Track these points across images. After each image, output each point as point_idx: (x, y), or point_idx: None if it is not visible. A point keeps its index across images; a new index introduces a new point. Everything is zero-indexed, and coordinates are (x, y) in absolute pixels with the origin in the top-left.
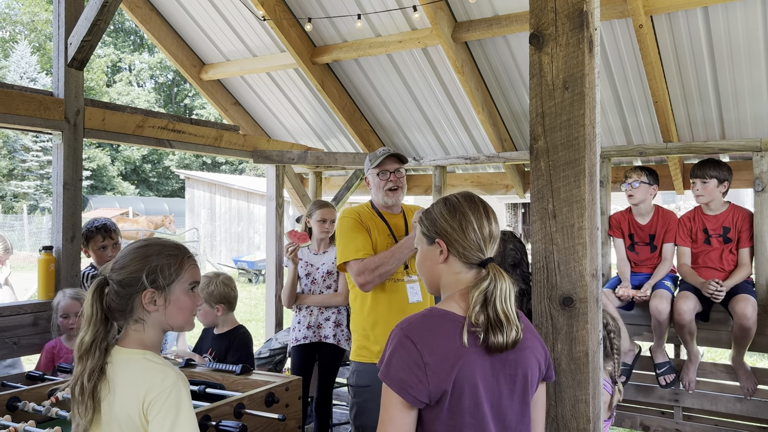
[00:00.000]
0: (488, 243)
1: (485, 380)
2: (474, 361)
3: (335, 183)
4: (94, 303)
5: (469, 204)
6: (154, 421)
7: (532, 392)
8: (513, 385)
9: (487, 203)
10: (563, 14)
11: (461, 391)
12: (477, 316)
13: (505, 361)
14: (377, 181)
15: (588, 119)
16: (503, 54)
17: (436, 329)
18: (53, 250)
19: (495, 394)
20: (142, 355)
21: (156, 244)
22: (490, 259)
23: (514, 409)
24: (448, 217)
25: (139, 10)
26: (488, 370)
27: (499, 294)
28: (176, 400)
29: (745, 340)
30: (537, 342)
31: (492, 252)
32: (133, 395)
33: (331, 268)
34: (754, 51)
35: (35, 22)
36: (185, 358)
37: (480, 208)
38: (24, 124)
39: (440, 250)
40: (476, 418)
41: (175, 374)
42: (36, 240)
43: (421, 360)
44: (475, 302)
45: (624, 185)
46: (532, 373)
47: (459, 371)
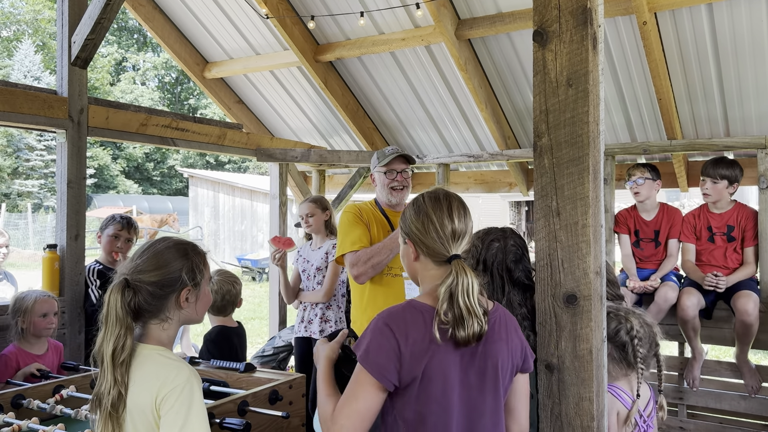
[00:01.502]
0: (452, 241)
1: (455, 372)
2: (444, 354)
3: (338, 181)
4: (123, 306)
5: (432, 204)
6: (167, 416)
7: (504, 384)
8: (483, 377)
9: (454, 201)
10: (567, 11)
11: (430, 379)
12: (445, 312)
13: (475, 354)
14: (383, 179)
15: (592, 116)
16: (506, 51)
17: (413, 321)
18: (57, 248)
19: (465, 385)
20: (157, 350)
21: (183, 242)
22: (455, 255)
23: (485, 400)
24: (414, 218)
25: (143, 8)
26: (458, 362)
27: (461, 289)
28: (189, 396)
29: (748, 336)
30: (513, 334)
31: (459, 248)
32: (146, 390)
33: (320, 264)
34: (759, 48)
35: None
36: (188, 356)
37: (443, 207)
38: (28, 122)
39: (412, 250)
40: (443, 407)
41: (189, 370)
42: (40, 239)
43: (398, 348)
44: (442, 299)
45: (628, 183)
46: (503, 366)
47: (429, 361)
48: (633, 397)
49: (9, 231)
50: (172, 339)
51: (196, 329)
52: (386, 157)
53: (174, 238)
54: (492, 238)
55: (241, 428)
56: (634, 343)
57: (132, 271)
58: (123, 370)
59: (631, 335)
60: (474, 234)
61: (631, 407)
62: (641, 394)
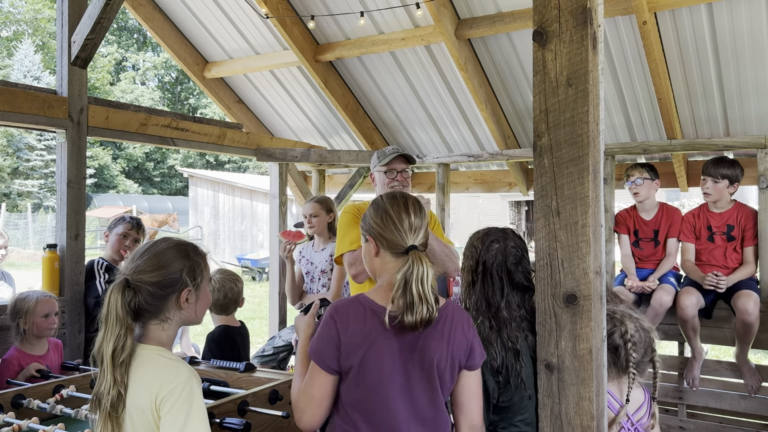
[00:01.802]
0: (409, 233)
1: (393, 364)
2: (383, 347)
3: (338, 181)
4: (123, 306)
5: (390, 202)
6: (167, 417)
7: (444, 380)
8: (422, 371)
9: (410, 199)
10: (567, 11)
11: (366, 368)
12: (399, 299)
13: (414, 349)
14: (383, 179)
15: (592, 116)
16: (506, 51)
17: (356, 314)
18: (57, 248)
19: (403, 377)
20: (157, 351)
21: (183, 243)
22: (413, 246)
23: (423, 393)
24: (374, 216)
25: (143, 8)
26: (397, 355)
27: (416, 276)
28: (189, 397)
29: (748, 336)
30: (459, 332)
31: (416, 240)
32: (146, 390)
33: (325, 267)
34: (759, 48)
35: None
36: (188, 356)
37: (400, 204)
38: (28, 122)
39: (372, 246)
40: (381, 396)
41: (188, 371)
42: (40, 238)
43: (338, 337)
44: (398, 285)
45: (627, 183)
46: (440, 363)
47: (366, 352)
48: (621, 401)
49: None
50: (172, 339)
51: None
52: (386, 156)
53: (175, 239)
54: (492, 239)
55: (241, 428)
56: (627, 347)
57: (132, 271)
58: (123, 370)
59: (624, 339)
60: (474, 234)
61: (618, 412)
62: (632, 399)
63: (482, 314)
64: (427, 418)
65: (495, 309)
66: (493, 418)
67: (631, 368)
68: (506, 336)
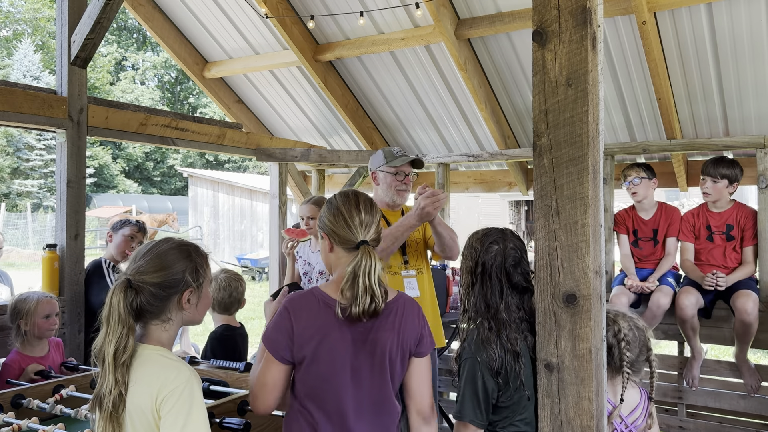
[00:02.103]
0: (360, 229)
1: (345, 354)
2: (336, 338)
3: (338, 181)
4: (125, 306)
5: (342, 199)
6: (167, 417)
7: (395, 368)
8: (372, 360)
9: (361, 197)
10: (566, 11)
11: (318, 359)
12: (347, 291)
13: (366, 340)
14: (391, 180)
15: (591, 116)
16: (506, 51)
17: (310, 306)
18: (57, 247)
19: (355, 367)
20: (158, 351)
21: (185, 243)
22: (363, 241)
23: (374, 381)
24: (327, 213)
25: (142, 8)
26: (349, 346)
27: (363, 270)
28: (189, 397)
29: (747, 336)
30: (409, 323)
31: (366, 236)
32: (146, 390)
33: (323, 268)
34: (758, 48)
35: (38, 19)
36: (188, 356)
37: (352, 202)
38: (28, 122)
39: (327, 242)
40: (332, 385)
41: (189, 371)
42: (40, 238)
43: (291, 329)
44: (347, 278)
45: (625, 184)
46: (392, 352)
47: (319, 343)
48: (615, 402)
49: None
50: (172, 339)
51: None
52: (396, 158)
53: (176, 239)
54: (491, 240)
55: (241, 428)
56: (621, 346)
57: (135, 271)
58: (124, 370)
59: (618, 338)
60: (473, 235)
61: (611, 412)
62: (627, 399)
63: (481, 315)
64: (378, 406)
65: (494, 310)
66: (493, 418)
67: (625, 367)
68: (506, 337)
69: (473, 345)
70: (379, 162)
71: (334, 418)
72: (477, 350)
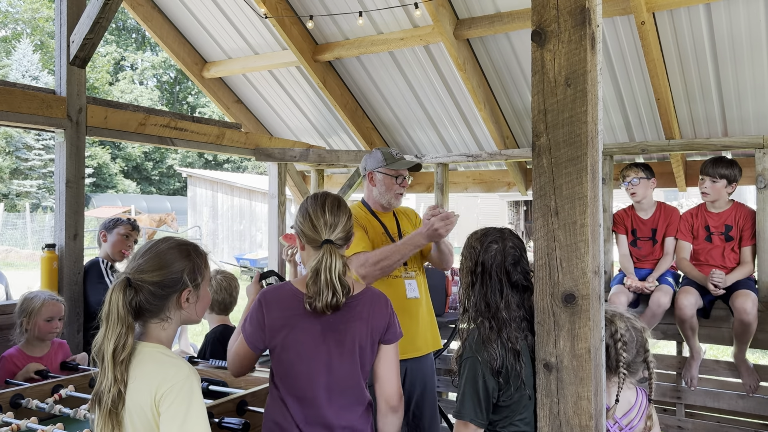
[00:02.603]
0: (325, 229)
1: (314, 343)
2: (304, 328)
3: (337, 181)
4: (124, 304)
5: (311, 201)
6: (166, 414)
7: (364, 355)
8: (342, 349)
9: (329, 198)
10: (565, 11)
11: (287, 348)
12: (311, 286)
13: (336, 330)
14: (389, 182)
15: (590, 116)
16: (505, 51)
17: (280, 299)
18: (56, 247)
19: (326, 355)
20: (157, 349)
21: (185, 243)
22: (327, 240)
23: (344, 367)
24: (299, 215)
25: (141, 8)
26: (319, 336)
27: (324, 266)
28: (188, 394)
29: (746, 336)
30: (378, 314)
31: (331, 235)
32: (145, 387)
33: None
34: (757, 48)
35: (37, 19)
36: (187, 355)
37: (318, 203)
38: (27, 122)
39: (299, 241)
40: (302, 372)
41: (188, 368)
42: (38, 238)
43: (264, 320)
44: (311, 274)
45: (624, 184)
46: (361, 340)
47: (289, 332)
48: (608, 403)
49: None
50: (171, 338)
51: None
52: (396, 161)
53: (176, 239)
54: (490, 240)
55: (240, 428)
56: (617, 347)
57: (134, 270)
58: (123, 368)
59: (615, 338)
60: (472, 235)
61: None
62: (623, 400)
63: (482, 315)
64: (348, 392)
65: (494, 309)
66: (493, 418)
67: (622, 368)
68: (506, 336)
69: (474, 344)
70: (378, 163)
71: (306, 403)
72: (478, 350)
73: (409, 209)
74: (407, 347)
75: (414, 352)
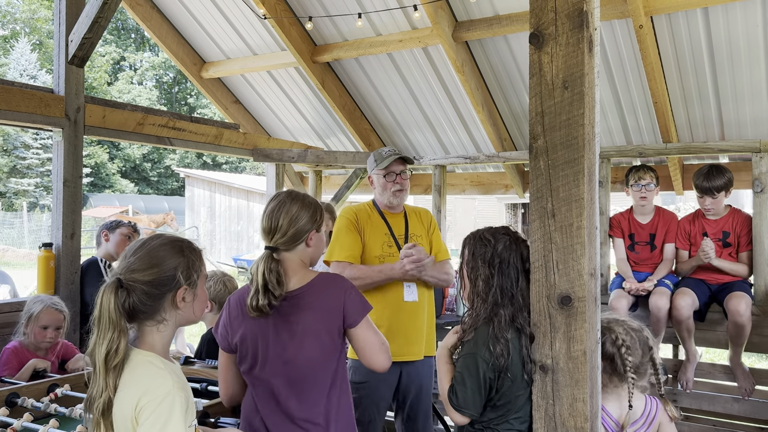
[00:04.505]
0: (265, 235)
1: (266, 337)
2: (256, 323)
3: (335, 182)
4: (116, 307)
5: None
6: (142, 426)
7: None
8: (294, 340)
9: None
10: (563, 14)
11: (244, 343)
12: (252, 286)
13: (287, 321)
14: (383, 182)
15: (587, 119)
16: (503, 54)
17: (239, 299)
18: (53, 246)
19: (278, 346)
20: (148, 357)
21: (177, 239)
22: (267, 247)
23: (299, 358)
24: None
25: (140, 8)
26: (271, 328)
27: (256, 270)
28: (168, 409)
29: (740, 338)
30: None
31: (270, 242)
32: (131, 396)
33: None
34: (754, 52)
35: (35, 19)
36: (183, 356)
37: (266, 211)
38: (25, 120)
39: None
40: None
41: (173, 383)
42: (36, 238)
43: (228, 320)
44: (250, 277)
45: (636, 186)
46: (311, 328)
47: (243, 329)
48: (617, 419)
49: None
50: (168, 343)
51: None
52: (384, 159)
53: (168, 235)
54: (502, 232)
55: (236, 427)
56: (622, 352)
57: (125, 270)
58: (116, 374)
59: (617, 345)
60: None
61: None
62: (635, 405)
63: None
64: (306, 381)
65: (510, 296)
66: (490, 416)
67: (629, 373)
68: (520, 324)
69: (481, 340)
70: (371, 165)
71: (267, 395)
72: (484, 345)
73: (423, 210)
74: (403, 349)
75: (410, 356)
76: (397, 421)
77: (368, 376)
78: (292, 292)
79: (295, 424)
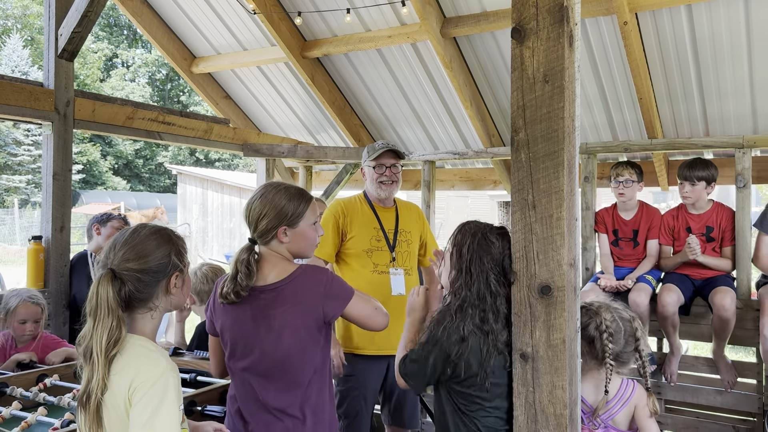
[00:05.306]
0: (249, 227)
1: (245, 327)
2: (237, 314)
3: (325, 177)
4: (114, 297)
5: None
6: (136, 407)
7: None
8: (272, 333)
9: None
10: (544, 9)
11: (224, 331)
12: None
13: (266, 315)
14: (372, 174)
15: (567, 112)
16: (491, 49)
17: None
18: (42, 240)
19: (257, 338)
20: (140, 341)
21: (162, 228)
22: (249, 239)
23: (277, 351)
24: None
25: (131, 3)
26: (249, 320)
27: (234, 260)
28: (162, 390)
29: (725, 332)
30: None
31: (251, 233)
32: (123, 379)
33: None
34: (737, 49)
35: (27, 16)
36: (172, 347)
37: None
38: (14, 114)
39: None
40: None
41: (166, 364)
42: (27, 234)
43: (213, 306)
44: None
45: (614, 182)
46: (289, 321)
47: (223, 318)
48: (591, 405)
49: None
50: (156, 328)
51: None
52: (376, 151)
53: (150, 225)
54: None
55: (222, 416)
56: (603, 338)
57: (119, 260)
58: (111, 363)
59: (600, 330)
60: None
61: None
62: (610, 388)
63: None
64: (284, 375)
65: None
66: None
67: (608, 359)
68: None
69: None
70: (364, 158)
71: (247, 386)
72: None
73: (413, 205)
74: (390, 343)
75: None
76: (383, 414)
77: (355, 369)
78: (271, 285)
79: (271, 414)
